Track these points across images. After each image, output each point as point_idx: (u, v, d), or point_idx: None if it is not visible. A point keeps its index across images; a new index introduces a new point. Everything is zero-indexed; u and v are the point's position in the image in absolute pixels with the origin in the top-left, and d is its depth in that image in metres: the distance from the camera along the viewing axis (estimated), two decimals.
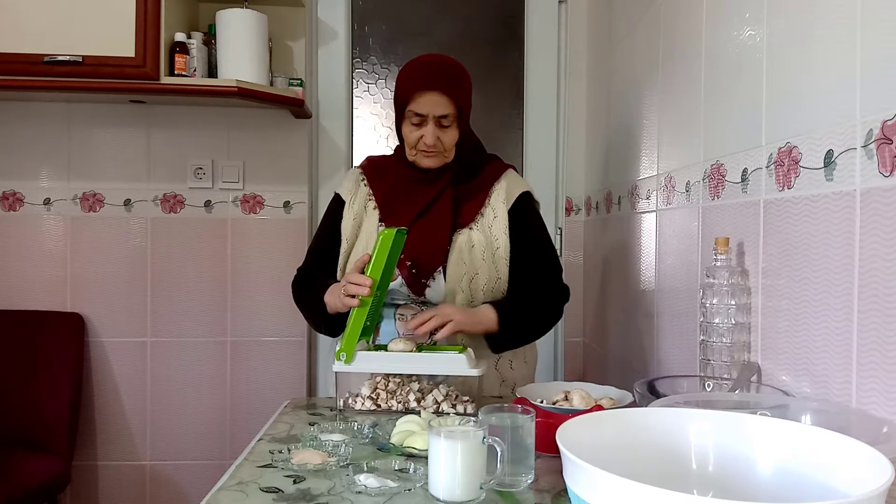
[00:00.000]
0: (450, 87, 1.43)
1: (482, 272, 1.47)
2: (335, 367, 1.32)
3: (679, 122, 1.60)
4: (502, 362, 1.53)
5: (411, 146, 1.48)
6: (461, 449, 0.88)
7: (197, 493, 2.32)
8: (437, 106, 1.42)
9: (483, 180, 1.54)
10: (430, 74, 1.43)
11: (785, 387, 1.11)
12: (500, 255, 1.49)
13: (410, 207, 1.49)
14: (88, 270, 2.34)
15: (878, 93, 0.89)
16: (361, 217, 1.54)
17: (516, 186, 1.55)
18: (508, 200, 1.52)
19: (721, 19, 1.39)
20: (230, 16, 2.08)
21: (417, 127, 1.44)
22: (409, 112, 1.44)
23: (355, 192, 1.57)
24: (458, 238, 1.48)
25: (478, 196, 1.52)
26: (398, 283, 1.45)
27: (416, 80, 1.43)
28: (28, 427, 2.17)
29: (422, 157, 1.48)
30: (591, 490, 0.60)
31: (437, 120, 1.43)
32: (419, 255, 1.45)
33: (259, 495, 0.92)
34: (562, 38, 2.58)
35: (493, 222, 1.50)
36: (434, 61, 1.48)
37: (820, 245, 1.01)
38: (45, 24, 1.94)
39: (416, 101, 1.42)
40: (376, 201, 1.54)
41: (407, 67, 1.49)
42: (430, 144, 1.44)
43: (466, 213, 1.50)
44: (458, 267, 1.46)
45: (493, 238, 1.50)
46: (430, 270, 1.45)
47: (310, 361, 2.46)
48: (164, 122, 2.35)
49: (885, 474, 0.58)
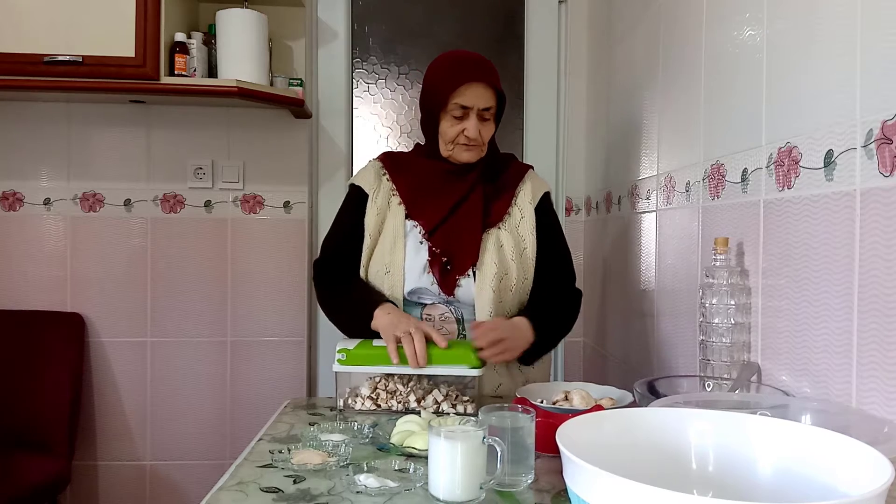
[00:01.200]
0: (494, 79, 1.44)
1: (511, 272, 1.47)
2: (335, 367, 1.32)
3: (679, 122, 1.60)
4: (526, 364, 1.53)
5: (450, 140, 1.45)
6: (461, 449, 0.88)
7: (197, 493, 2.32)
8: (482, 98, 1.42)
9: (509, 179, 1.54)
10: (474, 67, 1.43)
11: (785, 387, 1.11)
12: (527, 255, 1.49)
13: (440, 204, 1.48)
14: (88, 270, 2.34)
15: (878, 93, 0.89)
16: (385, 212, 1.52)
17: (539, 186, 1.56)
18: (534, 200, 1.53)
19: (721, 19, 1.39)
20: (230, 16, 2.08)
21: (459, 120, 1.43)
22: (453, 105, 1.42)
23: (377, 187, 1.53)
24: (486, 237, 1.47)
25: (504, 195, 1.52)
26: (428, 282, 1.44)
27: (460, 72, 1.42)
28: (28, 427, 2.17)
29: (461, 150, 1.46)
30: (591, 490, 0.60)
31: (479, 113, 1.43)
32: (452, 253, 1.44)
33: (259, 495, 0.92)
34: (562, 37, 2.58)
35: (521, 222, 1.51)
36: (471, 55, 1.48)
37: (820, 245, 1.01)
38: (45, 24, 1.94)
39: (462, 93, 1.41)
40: (400, 196, 1.52)
41: (443, 62, 1.47)
42: (473, 137, 1.43)
43: (495, 213, 1.50)
44: (489, 267, 1.45)
45: (520, 238, 1.50)
46: (463, 268, 1.45)
47: (310, 361, 2.46)
48: (164, 122, 2.35)
49: (885, 474, 0.58)
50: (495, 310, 1.45)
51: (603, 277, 2.31)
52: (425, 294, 1.46)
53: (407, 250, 1.47)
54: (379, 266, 1.48)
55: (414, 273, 1.46)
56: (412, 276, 1.46)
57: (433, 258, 1.45)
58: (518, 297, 1.49)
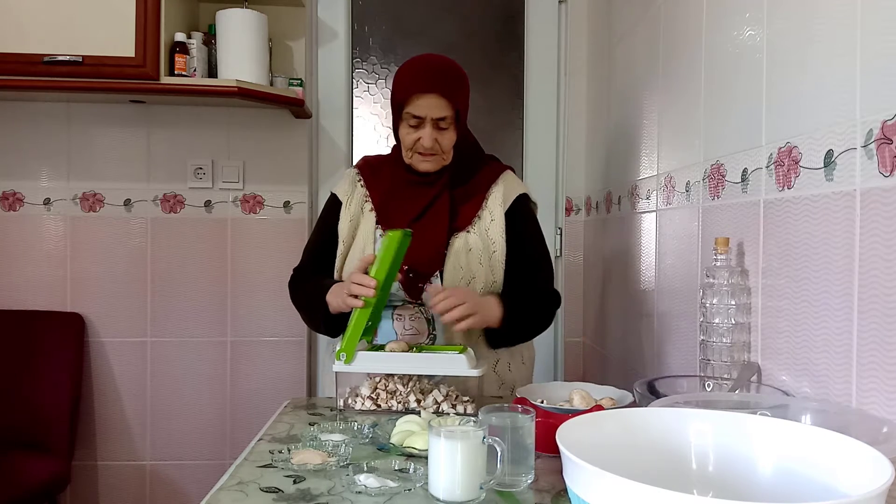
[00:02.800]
0: (448, 89, 1.41)
1: (479, 276, 1.46)
2: (335, 367, 1.32)
3: (679, 122, 1.60)
4: (501, 364, 1.52)
5: (408, 148, 1.46)
6: (461, 449, 0.88)
7: (197, 493, 2.33)
8: (435, 108, 1.40)
9: (480, 182, 1.53)
10: (428, 76, 1.41)
11: (785, 387, 1.11)
12: (496, 258, 1.48)
13: (407, 210, 1.48)
14: (88, 270, 2.34)
15: (878, 93, 0.89)
16: (358, 219, 1.53)
17: (513, 188, 1.54)
18: (505, 203, 1.51)
19: (721, 19, 1.39)
20: (230, 16, 2.08)
21: (415, 129, 1.43)
22: (406, 114, 1.42)
23: (352, 193, 1.55)
24: (454, 241, 1.47)
25: (474, 199, 1.51)
26: (395, 287, 1.44)
27: (413, 81, 1.41)
28: (28, 427, 2.17)
29: (419, 160, 1.46)
30: (591, 490, 0.60)
31: (434, 122, 1.41)
32: (416, 259, 1.44)
33: (259, 495, 0.92)
34: (562, 37, 2.58)
35: (490, 225, 1.49)
36: (431, 62, 1.46)
37: (820, 245, 1.01)
38: (45, 24, 1.94)
39: (414, 103, 1.40)
40: (373, 203, 1.53)
41: (404, 68, 1.47)
42: (427, 147, 1.42)
43: (463, 217, 1.49)
44: (455, 271, 1.45)
45: (489, 241, 1.48)
46: (427, 274, 1.45)
47: (310, 361, 2.46)
48: (164, 122, 2.35)
49: (885, 474, 0.58)
50: None
51: (603, 277, 2.31)
52: (393, 298, 1.46)
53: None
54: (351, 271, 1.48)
55: None
56: None
57: None
58: None
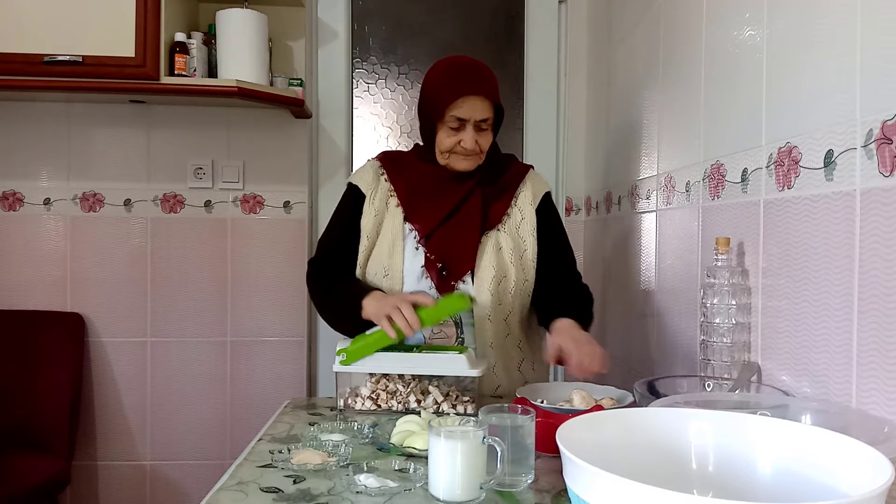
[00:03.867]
0: (491, 90, 1.41)
1: (510, 275, 1.46)
2: (335, 367, 1.32)
3: (679, 122, 1.60)
4: (525, 365, 1.53)
5: (446, 150, 1.44)
6: (461, 449, 0.88)
7: (197, 493, 2.33)
8: (479, 110, 1.40)
9: (508, 181, 1.53)
10: (472, 78, 1.40)
11: (785, 387, 1.11)
12: (527, 256, 1.49)
13: (438, 207, 1.47)
14: (88, 270, 2.34)
15: (878, 93, 0.89)
16: (383, 214, 1.51)
17: (540, 186, 1.55)
18: (535, 201, 1.52)
19: (721, 19, 1.39)
20: (230, 16, 2.08)
21: (455, 131, 1.41)
22: (450, 117, 1.39)
23: (375, 187, 1.52)
24: (485, 240, 1.47)
25: (504, 197, 1.51)
26: (426, 286, 1.44)
27: (457, 84, 1.39)
28: (28, 427, 2.17)
29: (457, 159, 1.44)
30: (591, 490, 0.60)
31: (476, 124, 1.41)
32: (449, 257, 1.44)
33: (259, 495, 0.92)
34: (562, 37, 2.58)
35: (521, 224, 1.50)
36: (470, 64, 1.44)
37: (820, 245, 1.01)
38: (45, 24, 1.94)
39: (459, 105, 1.38)
40: (399, 198, 1.51)
41: (440, 71, 1.44)
42: (469, 148, 1.41)
43: (494, 215, 1.49)
44: (487, 270, 1.45)
45: (520, 240, 1.49)
46: (460, 274, 1.44)
47: (310, 361, 2.46)
48: (164, 122, 2.35)
49: (885, 474, 0.58)
50: (494, 313, 1.45)
51: (603, 277, 2.31)
52: None
53: (405, 254, 1.47)
54: (377, 268, 1.48)
55: (412, 277, 1.46)
56: (411, 279, 1.46)
57: (429, 264, 1.45)
58: (519, 300, 1.49)
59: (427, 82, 1.46)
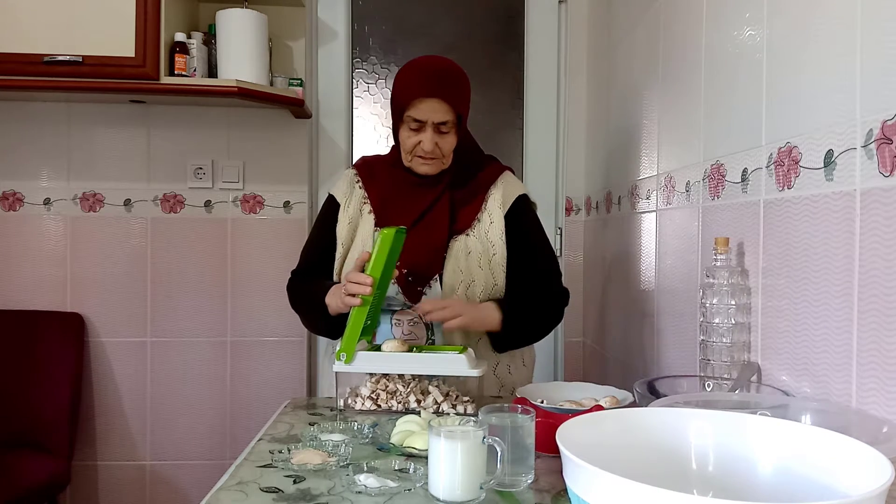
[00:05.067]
0: (449, 94, 1.40)
1: (479, 279, 1.46)
2: (335, 367, 1.31)
3: (679, 122, 1.60)
4: (501, 367, 1.52)
5: (408, 151, 1.45)
6: (461, 449, 0.88)
7: (197, 493, 2.32)
8: (436, 113, 1.39)
9: (479, 184, 1.52)
10: (430, 80, 1.40)
11: (785, 387, 1.11)
12: (496, 261, 1.48)
13: (407, 212, 1.47)
14: (88, 270, 2.34)
15: (878, 93, 0.89)
16: (357, 221, 1.52)
17: (512, 190, 1.54)
18: (505, 205, 1.50)
19: (721, 19, 1.39)
20: (230, 16, 2.08)
21: (415, 132, 1.42)
22: (406, 117, 1.41)
23: (350, 195, 1.54)
24: (454, 244, 1.46)
25: (474, 201, 1.50)
26: (394, 291, 1.44)
27: (414, 85, 1.40)
28: (28, 427, 2.17)
29: (419, 163, 1.45)
30: (591, 490, 0.60)
31: (435, 126, 1.41)
32: (416, 263, 1.43)
33: (259, 495, 0.92)
34: (562, 37, 2.58)
35: (490, 228, 1.49)
36: (433, 65, 1.44)
37: (820, 245, 1.01)
38: (45, 24, 1.94)
39: (415, 107, 1.39)
40: (371, 205, 1.52)
41: (405, 70, 1.45)
42: (428, 151, 1.42)
43: (463, 219, 1.48)
44: (455, 274, 1.44)
45: (489, 244, 1.48)
46: (426, 278, 1.44)
47: (310, 361, 2.46)
48: (164, 122, 2.35)
49: (885, 474, 0.58)
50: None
51: (603, 277, 2.31)
52: (393, 302, 1.45)
53: None
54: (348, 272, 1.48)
55: None
56: None
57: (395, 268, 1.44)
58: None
59: (394, 82, 1.47)
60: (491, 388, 1.50)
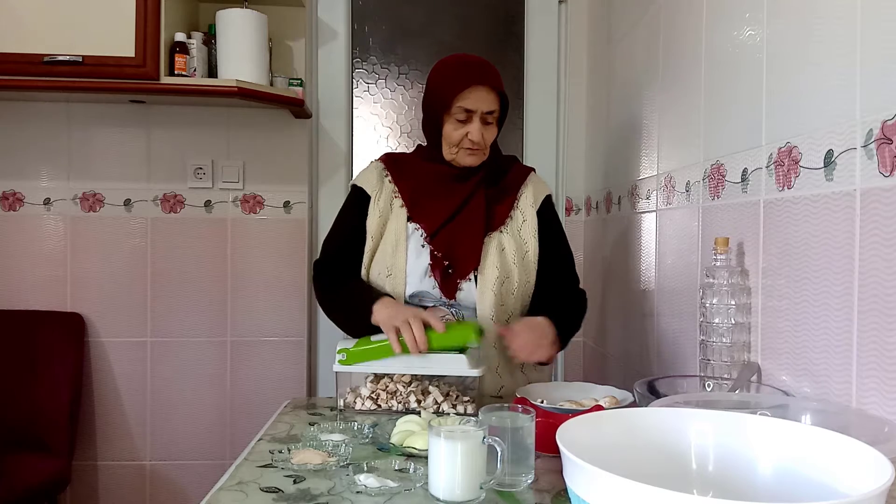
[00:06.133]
0: (497, 82, 1.44)
1: (513, 276, 1.47)
2: (335, 367, 1.32)
3: (679, 122, 1.60)
4: (528, 365, 1.53)
5: (454, 144, 1.45)
6: (461, 449, 0.88)
7: (197, 493, 2.33)
8: (486, 101, 1.41)
9: (511, 182, 1.54)
10: (479, 70, 1.43)
11: (785, 387, 1.11)
12: (529, 258, 1.50)
13: (442, 207, 1.47)
14: (88, 270, 2.34)
15: (878, 93, 0.89)
16: (387, 215, 1.51)
17: (541, 189, 1.57)
18: (536, 203, 1.53)
19: (721, 19, 1.39)
20: (230, 16, 2.08)
21: (462, 124, 1.43)
22: (456, 108, 1.41)
23: (380, 189, 1.53)
24: (488, 241, 1.47)
25: (506, 199, 1.52)
26: (430, 285, 1.45)
27: (464, 76, 1.41)
28: (28, 427, 2.17)
29: (464, 154, 1.45)
30: (591, 490, 0.60)
31: (482, 116, 1.42)
32: (454, 257, 1.44)
33: (259, 495, 0.92)
34: (562, 37, 2.58)
35: (523, 226, 1.51)
36: (474, 58, 1.47)
37: (820, 245, 1.01)
38: (45, 24, 1.94)
39: (466, 96, 1.40)
40: (402, 199, 1.51)
41: (445, 65, 1.47)
42: (476, 140, 1.42)
43: (497, 216, 1.50)
44: (491, 270, 1.45)
45: (522, 242, 1.50)
46: (465, 272, 1.45)
47: (310, 361, 2.46)
48: (164, 122, 2.35)
49: (885, 474, 0.58)
50: (497, 313, 1.45)
51: (603, 277, 2.31)
52: (427, 297, 1.45)
53: (409, 253, 1.47)
54: (381, 268, 1.48)
55: (415, 276, 1.46)
56: (414, 279, 1.46)
57: (435, 262, 1.45)
58: (520, 301, 1.50)
59: (433, 76, 1.48)
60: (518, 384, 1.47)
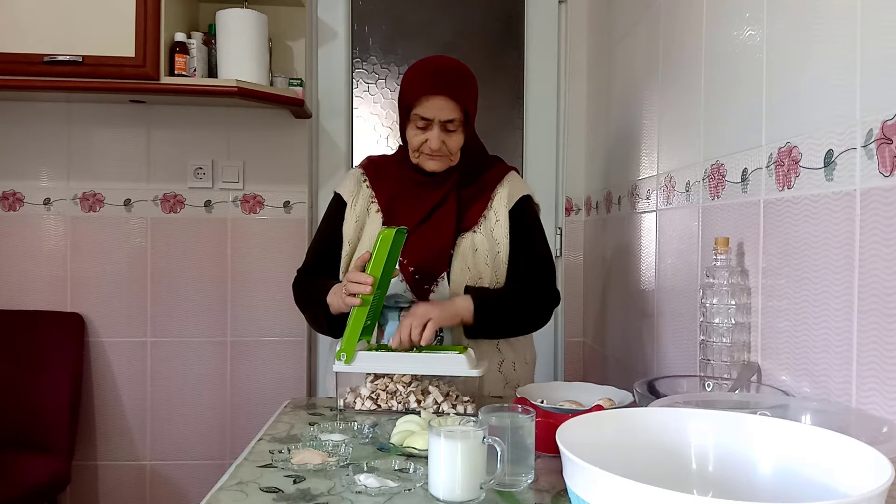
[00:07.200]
0: (456, 92, 1.41)
1: (486, 276, 1.47)
2: (335, 367, 1.31)
3: (679, 122, 1.60)
4: (506, 364, 1.52)
5: (415, 149, 1.46)
6: (461, 449, 0.88)
7: (197, 493, 2.32)
8: (443, 110, 1.41)
9: (486, 183, 1.54)
10: (437, 78, 1.41)
11: (785, 387, 1.11)
12: (500, 258, 1.49)
13: (414, 211, 1.48)
14: (88, 270, 2.34)
15: (878, 93, 0.89)
16: (364, 219, 1.53)
17: (518, 189, 1.55)
18: (510, 203, 1.52)
19: (721, 19, 1.39)
20: (230, 16, 2.08)
21: (422, 130, 1.43)
22: (414, 115, 1.42)
23: (357, 194, 1.55)
24: (461, 242, 1.47)
25: (481, 199, 1.52)
26: (402, 288, 1.44)
27: (422, 83, 1.41)
28: (28, 427, 2.17)
29: (425, 159, 1.46)
30: (591, 490, 0.60)
31: (442, 124, 1.42)
32: (423, 260, 1.44)
33: (259, 495, 0.92)
34: (562, 37, 2.58)
35: (496, 225, 1.50)
36: (441, 64, 1.46)
37: (820, 245, 1.01)
38: (45, 24, 1.94)
39: (422, 104, 1.40)
40: (379, 204, 1.53)
41: (412, 69, 1.47)
42: (434, 149, 1.43)
43: (470, 217, 1.49)
44: (462, 272, 1.45)
45: (494, 241, 1.49)
46: (433, 276, 1.45)
47: (310, 361, 2.46)
48: (164, 122, 2.35)
49: (885, 474, 0.58)
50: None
51: (603, 277, 2.31)
52: (402, 299, 1.46)
53: None
54: None
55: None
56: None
57: (403, 268, 1.45)
58: None
59: (402, 81, 1.48)
60: (496, 384, 1.50)
